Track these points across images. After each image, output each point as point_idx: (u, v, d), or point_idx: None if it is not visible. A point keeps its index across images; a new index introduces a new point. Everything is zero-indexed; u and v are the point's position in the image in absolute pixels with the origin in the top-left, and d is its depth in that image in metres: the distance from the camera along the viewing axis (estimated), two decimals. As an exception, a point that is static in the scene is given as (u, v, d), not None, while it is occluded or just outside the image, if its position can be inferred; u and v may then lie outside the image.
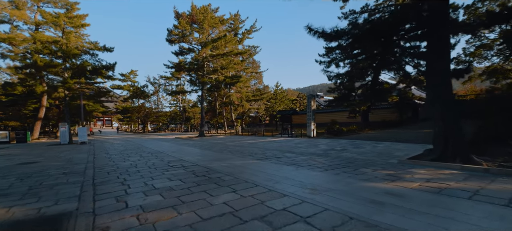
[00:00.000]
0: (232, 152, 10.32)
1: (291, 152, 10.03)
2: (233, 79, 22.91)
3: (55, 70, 18.04)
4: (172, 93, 25.71)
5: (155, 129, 54.44)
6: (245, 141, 16.79)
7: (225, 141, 18.10)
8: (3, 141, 23.11)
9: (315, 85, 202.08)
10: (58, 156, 10.51)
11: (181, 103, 56.74)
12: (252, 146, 13.08)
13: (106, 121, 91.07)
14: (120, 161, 8.20)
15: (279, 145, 13.34)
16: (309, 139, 16.61)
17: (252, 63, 38.03)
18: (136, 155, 9.76)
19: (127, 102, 53.69)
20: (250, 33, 31.41)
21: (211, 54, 21.86)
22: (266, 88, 38.98)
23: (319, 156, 8.65)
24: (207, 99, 38.44)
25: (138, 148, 13.01)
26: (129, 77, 54.41)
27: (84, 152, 11.96)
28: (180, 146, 14.30)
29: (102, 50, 21.29)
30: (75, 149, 13.59)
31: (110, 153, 10.77)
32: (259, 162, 7.37)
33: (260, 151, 10.73)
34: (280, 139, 17.93)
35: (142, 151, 11.36)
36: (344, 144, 12.02)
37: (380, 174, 5.33)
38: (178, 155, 9.51)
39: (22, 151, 13.47)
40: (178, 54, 22.52)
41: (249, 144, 14.57)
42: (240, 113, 39.46)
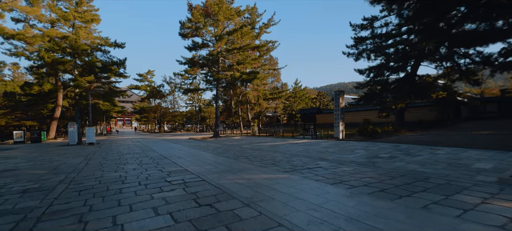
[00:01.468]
0: (250, 159, 8.39)
1: (324, 159, 7.91)
2: (250, 76, 21.03)
3: (63, 68, 17.19)
4: (186, 91, 24.32)
5: (171, 129, 54.11)
6: (264, 143, 14.82)
7: (241, 142, 16.25)
8: (18, 140, 22.96)
9: (332, 84, 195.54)
10: (51, 160, 9.15)
11: (196, 103, 56.04)
12: (273, 150, 11.08)
13: (126, 120, 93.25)
14: (110, 171, 6.54)
15: (305, 149, 11.22)
16: (337, 141, 14.30)
17: (269, 60, 36.00)
18: (135, 162, 8.10)
19: (144, 102, 53.86)
20: (267, 27, 29.41)
21: (226, 48, 20.13)
22: (284, 86, 36.84)
23: (364, 166, 6.48)
24: (222, 98, 36.95)
25: (143, 151, 11.47)
26: (146, 77, 54.64)
27: (83, 155, 10.59)
28: (190, 148, 12.62)
29: (113, 46, 20.26)
30: (77, 152, 12.34)
31: (108, 158, 9.25)
32: (289, 178, 5.35)
33: (285, 157, 8.70)
34: (303, 141, 15.76)
35: (145, 156, 9.75)
36: (388, 149, 9.67)
37: (496, 207, 3.13)
38: (184, 163, 7.72)
39: (24, 153, 12.45)
40: (191, 49, 21.04)
41: (269, 147, 12.58)
42: (257, 112, 37.58)
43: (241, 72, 21.23)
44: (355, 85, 19.83)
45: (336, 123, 16.38)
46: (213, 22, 20.69)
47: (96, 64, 17.37)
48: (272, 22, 28.94)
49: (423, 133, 16.43)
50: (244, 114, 38.86)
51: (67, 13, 17.92)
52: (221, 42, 19.42)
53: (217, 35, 19.76)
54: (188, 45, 20.74)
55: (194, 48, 21.08)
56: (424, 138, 13.38)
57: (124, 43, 20.47)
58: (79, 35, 17.57)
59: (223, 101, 38.46)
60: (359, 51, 18.99)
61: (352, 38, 19.24)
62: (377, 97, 19.13)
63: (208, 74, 24.24)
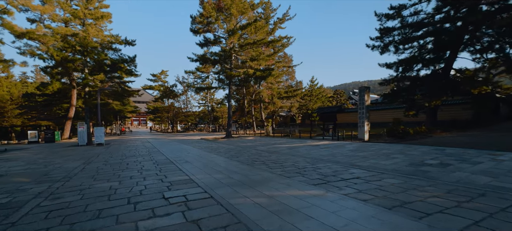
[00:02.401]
0: (268, 165, 7.11)
1: (357, 167, 6.51)
2: (264, 73, 19.75)
3: (73, 66, 16.72)
4: (198, 89, 23.45)
5: (184, 129, 53.92)
6: (280, 145, 13.49)
7: (255, 143, 15.01)
8: (32, 140, 23.03)
9: (347, 83, 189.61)
10: (48, 163, 8.33)
11: (209, 102, 55.55)
12: (292, 153, 9.74)
13: (142, 120, 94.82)
14: (103, 180, 5.49)
15: (330, 152, 9.79)
16: (363, 144, 12.72)
17: (283, 57, 34.55)
18: (136, 168, 7.06)
19: (157, 103, 54.02)
20: (282, 22, 27.99)
21: (239, 43, 18.97)
22: (299, 84, 35.29)
23: (416, 178, 5.03)
24: (235, 97, 35.93)
25: (149, 154, 10.49)
26: (160, 78, 54.81)
27: (85, 158, 9.75)
28: (200, 150, 11.53)
29: (123, 44, 19.68)
30: (82, 153, 11.60)
31: (109, 162, 8.29)
32: (325, 196, 4.03)
33: (309, 163, 7.35)
34: (324, 142, 14.27)
35: (149, 160, 8.73)
36: (432, 154, 8.07)
37: None
38: (190, 169, 6.58)
39: (29, 154, 11.88)
40: (202, 45, 20.07)
41: (287, 149, 11.25)
42: (270, 112, 36.25)
43: (255, 69, 19.98)
44: (380, 82, 18.01)
45: (360, 122, 14.76)
46: (226, 17, 19.60)
47: (105, 62, 16.79)
48: (287, 17, 27.49)
49: (461, 134, 14.46)
50: (257, 114, 37.64)
51: (77, 11, 17.48)
52: (233, 37, 18.28)
53: (230, 30, 18.63)
54: (200, 41, 19.83)
55: (205, 44, 20.08)
56: (468, 139, 11.53)
57: (134, 40, 19.83)
58: (88, 32, 17.05)
59: (235, 101, 37.44)
60: (385, 43, 17.19)
61: (377, 29, 17.47)
62: (406, 94, 17.25)
63: (221, 72, 23.20)
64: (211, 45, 20.45)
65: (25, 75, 59.00)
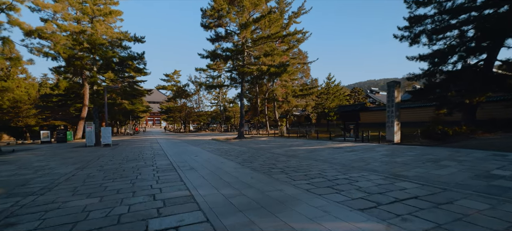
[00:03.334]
0: (289, 174, 5.80)
1: (405, 178, 5.07)
2: (279, 69, 18.39)
3: (81, 64, 16.19)
4: (209, 87, 22.45)
5: (196, 129, 53.55)
6: (298, 147, 12.09)
7: (270, 145, 13.70)
8: (45, 140, 22.97)
9: (362, 82, 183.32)
10: (44, 167, 7.46)
11: (221, 102, 54.86)
12: (315, 157, 8.35)
13: (156, 120, 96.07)
14: (83, 194, 4.41)
15: (359, 157, 8.31)
16: (394, 146, 11.07)
17: (297, 54, 32.97)
18: (129, 177, 5.98)
19: (170, 102, 53.99)
20: (297, 16, 26.54)
21: (252, 38, 17.74)
22: (314, 82, 33.59)
23: (505, 199, 3.54)
24: (247, 96, 34.76)
25: (153, 157, 9.46)
26: (173, 77, 54.77)
27: (84, 161, 8.86)
28: (210, 153, 10.38)
29: (133, 41, 19.02)
30: (84, 155, 10.78)
31: (105, 168, 7.29)
32: None
33: (338, 171, 5.96)
34: (346, 144, 12.72)
35: (150, 165, 7.67)
36: (493, 160, 6.44)
37: None
38: (194, 180, 5.39)
39: (32, 155, 11.23)
40: (213, 40, 19.01)
41: (307, 152, 9.85)
42: (284, 111, 34.78)
43: (269, 65, 18.67)
44: (409, 76, 16.11)
45: (389, 122, 13.07)
46: (238, 10, 18.42)
47: (112, 59, 16.14)
48: (303, 11, 26.01)
49: (509, 135, 12.44)
50: (271, 113, 36.30)
51: (86, 7, 16.95)
52: (246, 30, 17.06)
53: (242, 24, 17.42)
54: (211, 36, 18.74)
55: (216, 40, 19.00)
56: (527, 143, 9.65)
57: (144, 37, 19.11)
58: (97, 29, 16.47)
59: (248, 100, 36.29)
60: (416, 33, 15.33)
61: (406, 18, 15.63)
62: (440, 90, 15.30)
63: (233, 69, 22.09)
64: (223, 40, 19.35)
65: (46, 77, 60.97)
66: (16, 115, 24.98)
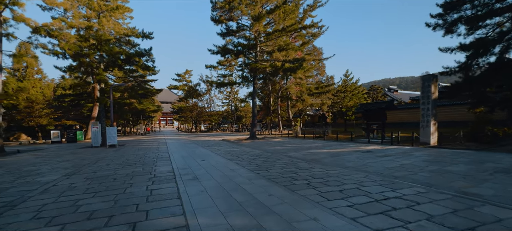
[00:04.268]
0: (318, 188, 4.46)
1: (489, 203, 3.58)
2: (294, 64, 16.99)
3: (87, 61, 15.54)
4: (219, 85, 21.36)
5: (207, 129, 53.00)
6: (318, 150, 10.67)
7: (286, 147, 12.35)
8: (55, 140, 22.81)
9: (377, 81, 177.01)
10: (32, 172, 6.54)
11: (232, 101, 54.00)
12: (342, 164, 6.93)
13: (169, 120, 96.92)
14: (41, 220, 3.30)
15: (398, 165, 6.83)
16: (435, 150, 9.42)
17: (312, 50, 31.31)
18: (115, 191, 4.86)
19: (182, 102, 53.74)
20: (313, 9, 24.99)
21: (266, 31, 16.45)
22: (330, 79, 31.80)
23: None
24: (259, 95, 33.49)
25: (155, 161, 8.39)
26: (184, 77, 54.50)
27: (78, 165, 7.91)
28: (219, 156, 9.19)
29: (141, 37, 18.22)
30: (81, 158, 9.90)
31: (98, 174, 6.26)
32: None
33: (382, 185, 4.55)
34: (374, 146, 11.15)
35: (149, 171, 6.56)
36: None
37: None
38: (195, 196, 4.19)
39: (32, 157, 10.51)
40: (224, 35, 17.86)
41: (330, 156, 8.44)
42: (298, 110, 33.24)
43: (283, 61, 17.31)
44: (443, 71, 14.22)
45: (423, 121, 11.38)
46: (250, 2, 17.19)
47: (118, 55, 15.40)
48: (319, 3, 24.41)
49: None
50: (284, 112, 34.86)
51: (92, 1, 16.31)
52: (259, 23, 15.78)
53: (255, 16, 16.16)
54: (221, 30, 17.61)
55: (227, 34, 17.82)
56: None
57: (151, 33, 18.28)
58: (102, 24, 15.77)
59: (260, 99, 35.03)
60: (452, 20, 13.47)
61: (439, 5, 13.79)
62: (478, 86, 13.35)
63: (245, 66, 20.88)
64: (234, 35, 18.16)
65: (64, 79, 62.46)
66: (28, 115, 25.03)
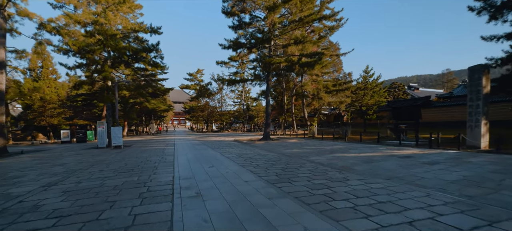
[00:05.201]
0: (370, 217, 3.03)
1: None
2: (312, 59, 15.48)
3: (92, 57, 14.81)
4: (231, 83, 20.17)
5: (218, 128, 52.25)
6: (343, 154, 9.14)
7: (304, 149, 10.88)
8: (65, 140, 22.51)
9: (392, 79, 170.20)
10: (14, 180, 5.53)
11: (244, 101, 52.94)
12: (388, 176, 5.38)
13: (181, 120, 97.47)
14: None
15: (461, 177, 5.25)
16: (490, 155, 7.65)
17: (328, 46, 29.49)
18: (90, 213, 3.65)
19: (193, 102, 53.33)
20: (331, 1, 23.23)
21: (281, 21, 15.04)
22: (348, 76, 29.86)
23: None
24: (272, 93, 32.06)
25: (155, 168, 7.21)
26: (196, 77, 54.06)
27: (69, 171, 6.86)
28: (230, 162, 7.90)
29: (149, 32, 17.34)
30: (78, 161, 8.92)
31: (80, 186, 5.14)
32: None
33: (476, 218, 3.03)
34: (412, 151, 9.47)
35: (143, 183, 5.36)
36: None
37: None
38: (194, 228, 2.87)
39: (30, 159, 9.70)
40: (236, 28, 16.61)
41: (362, 163, 6.91)
42: (313, 109, 31.54)
43: (300, 55, 15.83)
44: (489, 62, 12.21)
45: (471, 121, 9.58)
46: (263, -7, 15.84)
47: (124, 51, 14.55)
48: (337, -7, 22.54)
49: None
50: (298, 111, 33.28)
51: (96, -7, 15.57)
52: (274, 13, 14.40)
53: (269, 6, 14.79)
54: (233, 23, 16.34)
55: (239, 27, 16.54)
56: None
57: (160, 27, 17.34)
58: (109, 18, 14.97)
59: (272, 98, 33.61)
60: (500, 3, 11.50)
61: (486, -16, 11.82)
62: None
63: (258, 62, 19.56)
64: (247, 28, 16.85)
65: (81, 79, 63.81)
66: (39, 114, 24.96)
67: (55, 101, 28.38)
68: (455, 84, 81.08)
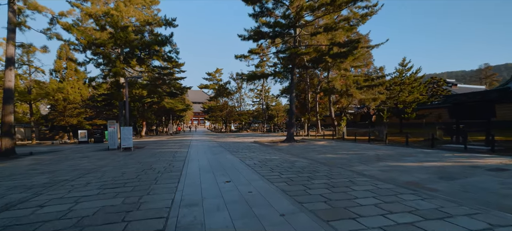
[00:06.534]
0: None
1: None
2: (347, 46, 13.25)
3: (103, 52, 13.79)
4: (251, 78, 18.41)
5: (237, 129, 50.99)
6: (396, 162, 6.89)
7: (342, 155, 8.73)
8: (82, 140, 22.15)
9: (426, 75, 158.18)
10: None
11: (263, 100, 51.15)
12: (499, 205, 3.26)
13: (201, 120, 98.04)
14: None
15: None
16: None
17: (357, 37, 26.65)
18: None
19: (212, 102, 52.62)
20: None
21: (309, 5, 12.94)
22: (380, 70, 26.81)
23: None
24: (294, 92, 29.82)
25: (157, 179, 5.55)
26: (215, 76, 53.24)
27: (52, 182, 5.42)
28: (252, 171, 6.06)
29: (163, 25, 16.10)
30: (80, 164, 7.58)
31: (43, 211, 3.56)
32: None
33: None
34: (499, 161, 7.03)
35: (129, 209, 3.67)
36: None
37: None
38: None
39: (31, 163, 8.65)
40: (257, 15, 14.74)
41: (437, 179, 4.68)
42: (339, 108, 28.87)
43: (332, 43, 13.66)
44: None
45: None
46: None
47: (135, 43, 13.38)
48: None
49: None
50: (322, 110, 30.77)
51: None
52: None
53: (295, -12, 12.79)
54: (254, 10, 14.49)
55: (261, 14, 14.65)
56: None
57: (175, 19, 16.02)
58: (120, 9, 13.88)
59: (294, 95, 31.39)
60: None
61: None
62: None
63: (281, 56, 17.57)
64: (269, 15, 14.92)
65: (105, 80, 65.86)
66: (59, 114, 24.98)
67: (77, 102, 28.53)
68: (495, 80, 72.45)
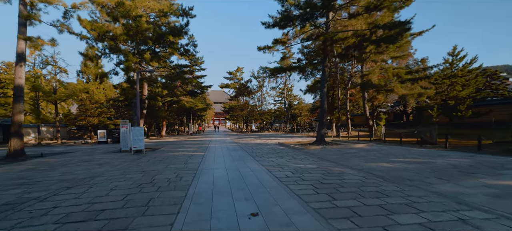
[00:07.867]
0: None
1: None
2: (392, 29, 10.83)
3: (115, 44, 12.73)
4: (275, 71, 16.49)
5: (258, 128, 49.35)
6: (491, 180, 4.59)
7: (402, 166, 6.37)
8: (101, 140, 21.77)
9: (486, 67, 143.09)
10: None
11: (286, 98, 48.95)
12: None
13: (222, 120, 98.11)
14: None
15: None
16: None
17: (394, 26, 23.47)
18: None
19: (233, 101, 51.63)
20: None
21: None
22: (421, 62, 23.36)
23: None
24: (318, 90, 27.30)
25: (156, 197, 3.83)
26: (235, 75, 52.12)
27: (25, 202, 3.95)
28: (287, 190, 4.15)
29: (179, 15, 14.76)
30: (80, 170, 6.21)
31: None
32: None
33: None
34: None
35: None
36: None
37: None
38: None
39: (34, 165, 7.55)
40: (284, 0, 12.74)
41: None
42: (373, 106, 25.85)
43: (373, 26, 11.30)
44: None
45: None
46: None
47: (147, 33, 12.16)
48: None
49: None
50: (353, 108, 27.90)
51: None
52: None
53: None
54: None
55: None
56: None
57: (192, 7, 14.59)
58: (134, 0, 12.72)
59: (321, 93, 28.86)
60: None
61: None
62: None
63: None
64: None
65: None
66: (81, 114, 24.97)
67: (102, 102, 28.62)
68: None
